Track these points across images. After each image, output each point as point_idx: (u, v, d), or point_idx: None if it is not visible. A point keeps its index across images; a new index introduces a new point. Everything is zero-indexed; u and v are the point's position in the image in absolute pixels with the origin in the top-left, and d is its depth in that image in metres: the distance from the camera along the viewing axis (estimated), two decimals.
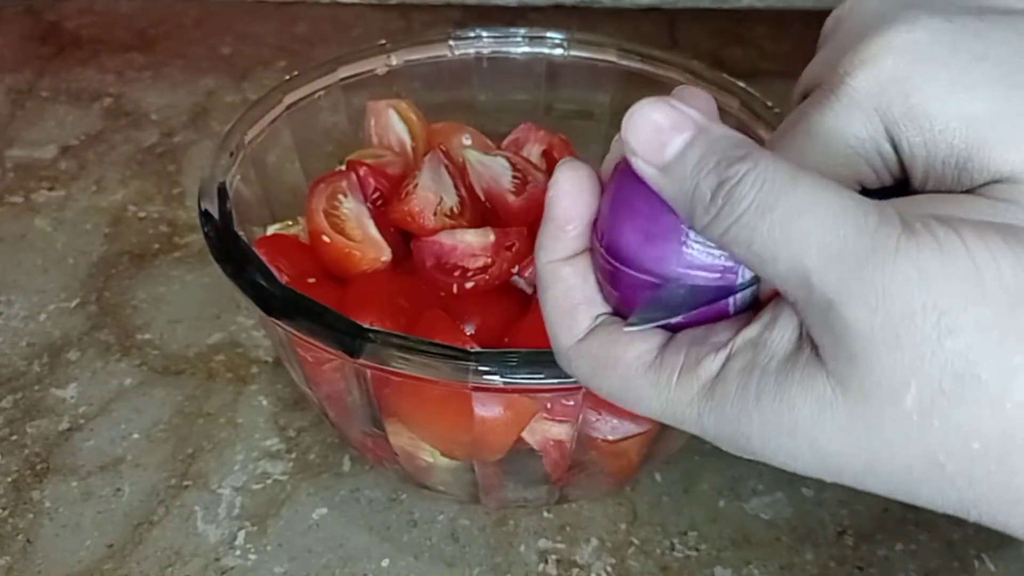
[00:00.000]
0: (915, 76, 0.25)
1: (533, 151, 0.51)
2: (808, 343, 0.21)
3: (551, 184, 0.26)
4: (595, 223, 0.26)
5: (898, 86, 0.25)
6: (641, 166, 0.23)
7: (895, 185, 0.27)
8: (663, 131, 0.22)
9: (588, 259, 0.26)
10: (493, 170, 0.47)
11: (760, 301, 0.24)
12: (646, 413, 0.24)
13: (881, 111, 0.26)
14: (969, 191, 0.25)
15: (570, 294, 0.26)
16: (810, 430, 0.21)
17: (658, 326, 0.25)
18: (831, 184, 0.21)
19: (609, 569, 0.43)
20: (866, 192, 0.28)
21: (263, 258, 0.39)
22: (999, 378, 0.19)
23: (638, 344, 0.24)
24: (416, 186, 0.45)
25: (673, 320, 0.24)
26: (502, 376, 0.33)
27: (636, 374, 0.24)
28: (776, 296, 0.23)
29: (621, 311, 0.26)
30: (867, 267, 0.19)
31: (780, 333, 0.22)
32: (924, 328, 0.19)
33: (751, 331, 0.23)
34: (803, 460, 0.22)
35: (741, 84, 0.48)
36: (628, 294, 0.25)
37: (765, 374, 0.22)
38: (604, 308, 0.26)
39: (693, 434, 0.24)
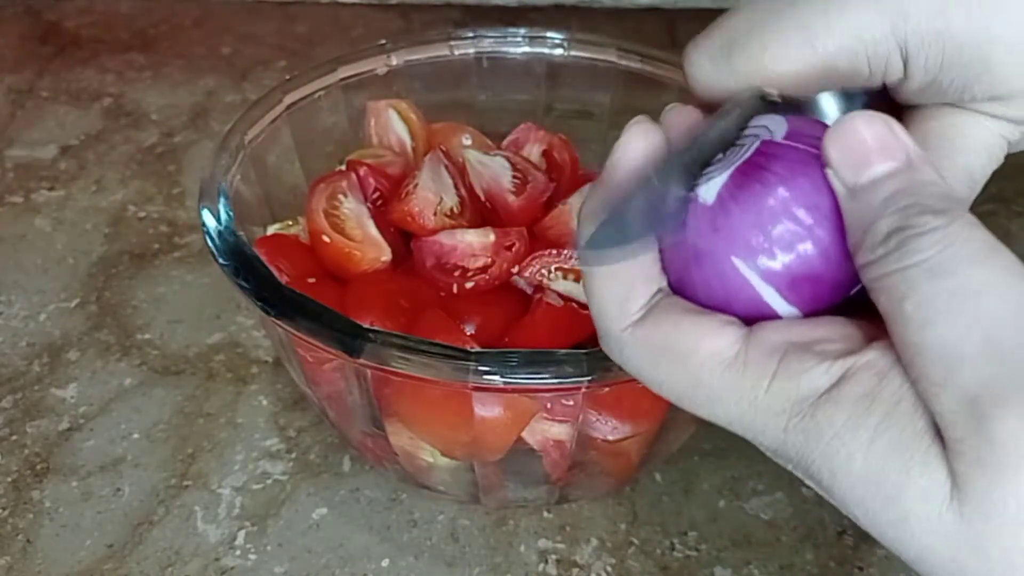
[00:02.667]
0: None
1: (533, 151, 0.51)
2: (935, 424, 0.19)
3: (617, 145, 0.23)
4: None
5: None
6: (832, 178, 0.21)
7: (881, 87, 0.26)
8: (869, 151, 0.21)
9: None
10: (493, 170, 0.47)
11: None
12: (717, 417, 0.22)
13: (902, 20, 0.23)
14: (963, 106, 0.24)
15: (623, 272, 0.23)
16: (909, 511, 0.19)
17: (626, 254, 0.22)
18: (1020, 270, 0.18)
19: (609, 569, 0.42)
20: (844, 92, 0.26)
21: (263, 258, 0.39)
22: None
23: (715, 338, 0.21)
24: (416, 186, 0.45)
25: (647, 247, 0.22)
26: (502, 376, 0.33)
27: (712, 372, 0.21)
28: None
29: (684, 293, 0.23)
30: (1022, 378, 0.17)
31: (914, 383, 0.19)
32: None
33: (879, 356, 0.20)
34: (882, 526, 0.19)
35: None
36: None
37: (889, 417, 0.19)
38: (663, 283, 0.23)
39: (757, 444, 0.21)
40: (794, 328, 0.21)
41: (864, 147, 0.21)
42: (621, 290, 0.23)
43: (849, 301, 0.22)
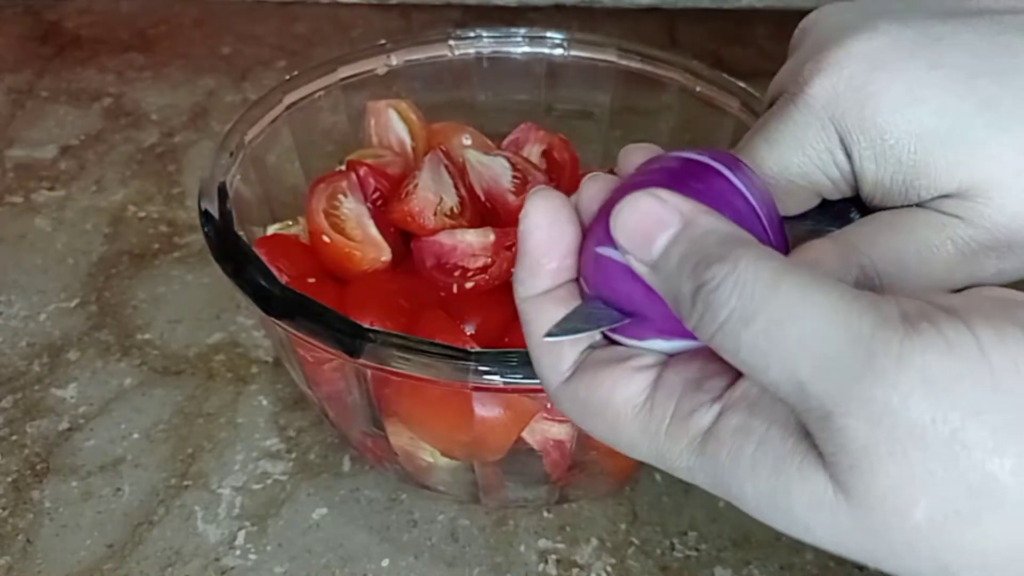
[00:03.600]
0: (870, 85, 0.25)
1: (533, 151, 0.51)
2: (808, 435, 0.20)
3: (522, 216, 0.24)
4: (581, 253, 0.24)
5: (853, 95, 0.25)
6: (632, 262, 0.22)
7: (855, 196, 0.27)
8: (648, 228, 0.21)
9: (569, 290, 0.25)
10: (493, 170, 0.47)
11: None
12: (640, 458, 0.23)
13: (836, 121, 0.25)
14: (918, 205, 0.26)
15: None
16: (806, 521, 0.20)
17: (580, 336, 0.24)
18: (819, 282, 0.19)
19: (609, 569, 0.43)
20: (826, 202, 0.28)
21: (263, 258, 0.39)
22: (1016, 491, 0.17)
23: (625, 386, 0.23)
24: (416, 186, 0.45)
25: (597, 330, 0.24)
26: (502, 376, 0.33)
27: (626, 419, 0.23)
28: None
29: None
30: (865, 381, 0.18)
31: (781, 402, 0.20)
32: (934, 444, 0.18)
33: (749, 388, 0.21)
34: (797, 535, 0.20)
35: (741, 84, 0.48)
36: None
37: (762, 446, 0.20)
38: (594, 338, 0.25)
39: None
40: (693, 364, 0.23)
41: (642, 226, 0.21)
42: (553, 355, 0.24)
43: None
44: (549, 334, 0.24)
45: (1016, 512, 0.18)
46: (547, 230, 0.24)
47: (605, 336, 0.25)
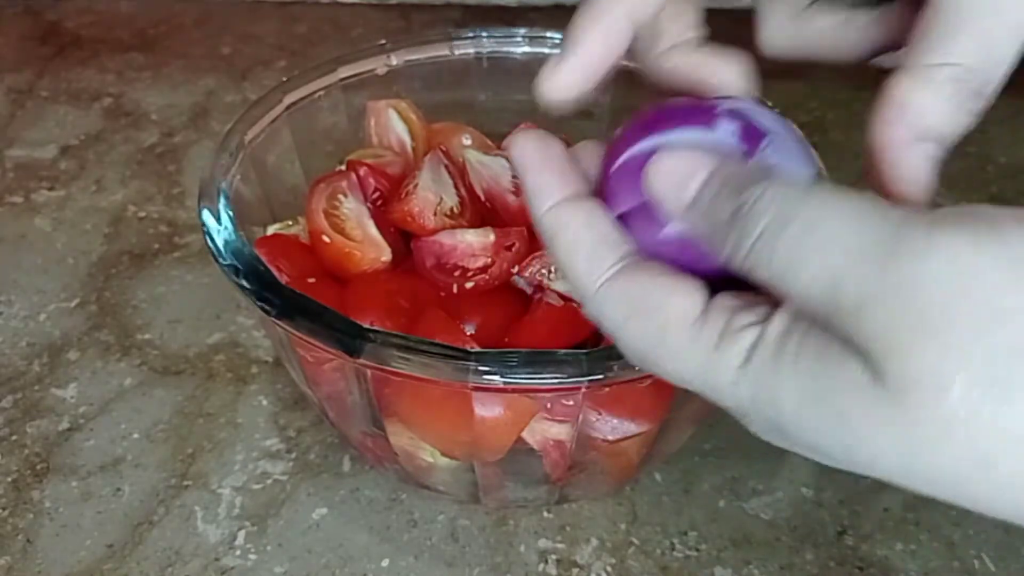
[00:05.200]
0: None
1: None
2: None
3: (510, 147, 0.26)
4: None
5: None
6: (668, 211, 0.23)
7: None
8: (683, 177, 0.23)
9: (580, 194, 0.25)
10: (493, 170, 0.47)
11: None
12: (675, 373, 0.23)
13: None
14: None
15: (586, 233, 0.25)
16: (843, 407, 0.19)
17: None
18: (848, 191, 0.20)
19: (609, 569, 0.42)
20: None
21: (263, 258, 0.39)
22: None
23: (685, 294, 0.23)
24: (416, 186, 0.45)
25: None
26: (502, 376, 0.33)
27: (677, 327, 0.22)
28: None
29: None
30: (897, 261, 0.18)
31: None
32: (967, 318, 0.18)
33: (791, 305, 0.22)
34: (833, 441, 0.20)
35: None
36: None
37: (805, 336, 0.20)
38: (629, 246, 0.25)
39: (726, 409, 0.22)
40: (740, 297, 0.23)
41: (675, 175, 0.23)
42: (591, 256, 0.24)
43: None
44: None
45: None
46: (540, 144, 0.26)
47: None
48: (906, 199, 0.25)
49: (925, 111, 0.24)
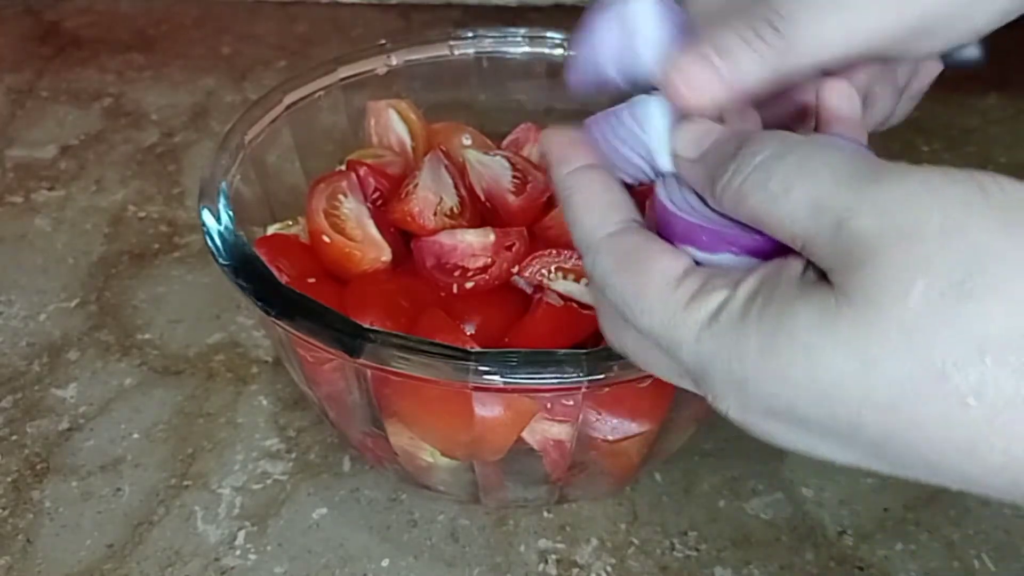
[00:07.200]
0: None
1: (533, 151, 0.51)
2: (815, 271, 0.22)
3: (542, 140, 0.29)
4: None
5: None
6: (679, 162, 0.26)
7: None
8: (699, 133, 0.25)
9: (611, 173, 0.27)
10: (493, 170, 0.47)
11: None
12: (645, 327, 0.24)
13: None
14: None
15: (601, 194, 0.27)
16: (807, 341, 0.20)
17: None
18: (836, 140, 0.23)
19: (609, 569, 0.42)
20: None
21: (263, 258, 0.39)
22: (1011, 277, 0.18)
23: (671, 259, 0.24)
24: (416, 186, 0.45)
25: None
26: (502, 376, 0.33)
27: (655, 285, 0.24)
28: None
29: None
30: (876, 183, 0.20)
31: (789, 267, 0.22)
32: (931, 227, 0.19)
33: (763, 268, 0.23)
34: (795, 382, 0.20)
35: None
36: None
37: (771, 293, 0.22)
38: (637, 216, 0.27)
39: (673, 357, 0.24)
40: (727, 264, 0.25)
41: (695, 132, 0.26)
42: (603, 211, 0.26)
43: None
44: None
45: (1010, 298, 0.18)
46: (567, 133, 0.29)
47: None
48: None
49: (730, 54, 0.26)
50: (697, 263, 0.25)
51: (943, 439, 0.19)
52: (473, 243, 0.43)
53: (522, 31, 0.53)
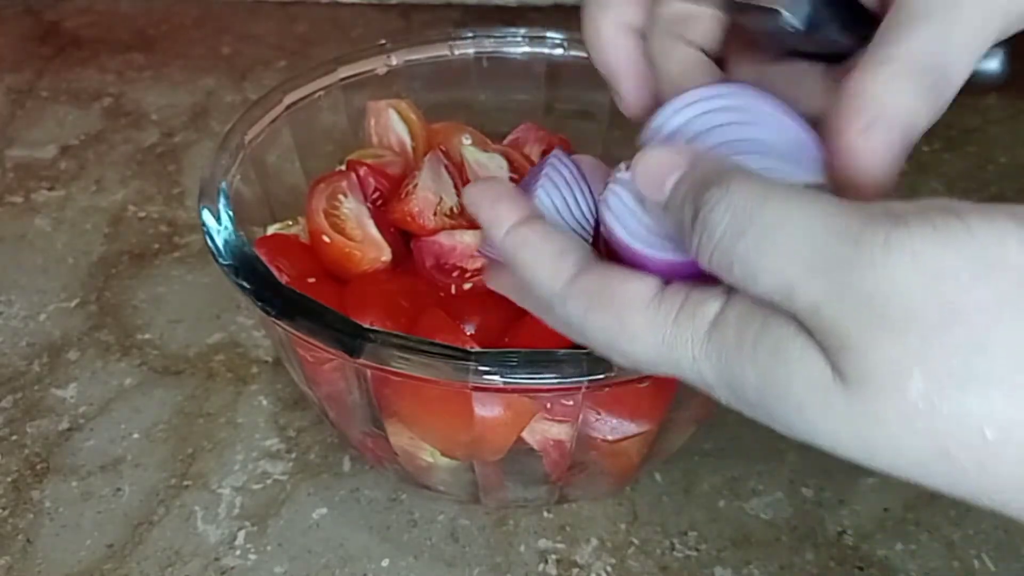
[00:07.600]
0: None
1: (533, 151, 0.51)
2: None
3: (464, 199, 0.28)
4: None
5: None
6: (650, 204, 0.24)
7: None
8: (662, 171, 0.23)
9: (544, 220, 0.26)
10: (492, 170, 0.47)
11: None
12: (640, 356, 0.23)
13: None
14: None
15: (545, 244, 0.25)
16: (801, 400, 0.20)
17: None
18: (808, 194, 0.20)
19: (609, 569, 0.42)
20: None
21: (263, 258, 0.39)
22: (1010, 360, 0.18)
23: (639, 281, 0.23)
24: (416, 186, 0.45)
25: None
26: (502, 376, 0.33)
27: (634, 310, 0.23)
28: None
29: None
30: (854, 269, 0.19)
31: None
32: (926, 316, 0.18)
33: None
34: (794, 428, 0.21)
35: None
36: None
37: (765, 325, 0.21)
38: (587, 250, 0.26)
39: (695, 387, 0.23)
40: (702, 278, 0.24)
41: (657, 169, 0.23)
42: (554, 261, 0.25)
43: None
44: None
45: (1008, 382, 0.18)
46: (486, 185, 0.27)
47: None
48: (867, 189, 0.24)
49: (877, 96, 0.24)
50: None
51: (952, 494, 0.20)
52: (473, 243, 0.43)
53: (522, 31, 0.53)
